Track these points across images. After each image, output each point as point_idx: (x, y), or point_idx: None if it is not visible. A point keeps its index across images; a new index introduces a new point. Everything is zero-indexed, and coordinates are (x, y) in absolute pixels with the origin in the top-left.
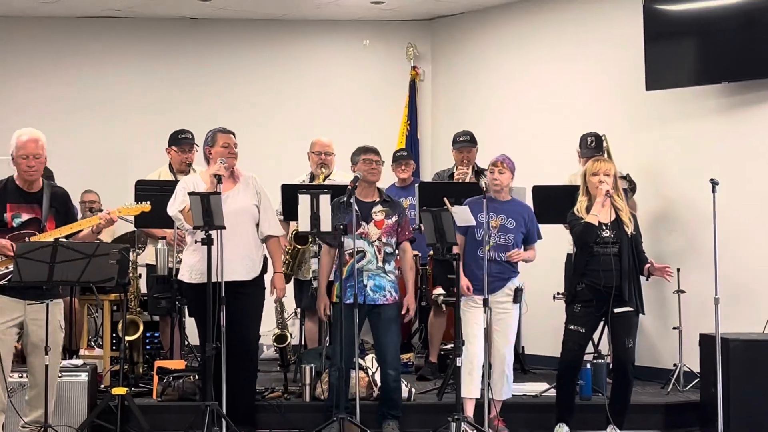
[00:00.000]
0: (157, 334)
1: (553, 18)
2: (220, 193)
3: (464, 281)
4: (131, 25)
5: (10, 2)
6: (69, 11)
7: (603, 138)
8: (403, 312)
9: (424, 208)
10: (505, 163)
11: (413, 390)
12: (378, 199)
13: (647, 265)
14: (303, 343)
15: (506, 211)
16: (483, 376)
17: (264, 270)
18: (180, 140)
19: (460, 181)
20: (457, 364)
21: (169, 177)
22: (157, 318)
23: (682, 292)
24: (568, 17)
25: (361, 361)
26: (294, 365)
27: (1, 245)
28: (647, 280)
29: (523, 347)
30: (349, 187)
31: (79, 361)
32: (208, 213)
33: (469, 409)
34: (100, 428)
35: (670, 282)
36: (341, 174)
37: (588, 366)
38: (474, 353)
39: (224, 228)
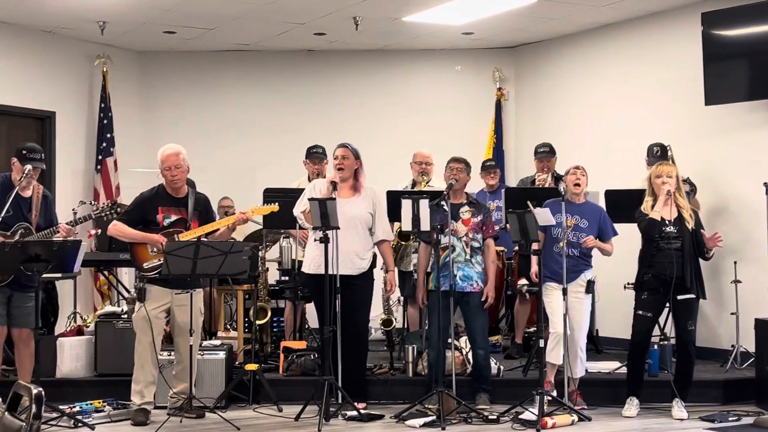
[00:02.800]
0: (282, 319)
1: (622, 43)
2: (335, 199)
3: (534, 269)
4: (258, 57)
5: (158, 39)
6: (207, 46)
7: (668, 147)
8: (482, 299)
9: (510, 210)
10: (583, 168)
11: (501, 367)
12: (465, 201)
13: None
14: (406, 326)
15: (580, 212)
16: (565, 354)
17: (373, 265)
18: (311, 154)
19: (541, 186)
20: (540, 345)
21: (307, 185)
22: (282, 304)
23: (739, 282)
24: (635, 42)
25: (456, 341)
26: (398, 345)
27: (156, 239)
28: (707, 259)
29: (597, 330)
30: (445, 192)
31: (218, 342)
32: (324, 215)
33: (551, 373)
34: (236, 398)
35: (722, 248)
36: (439, 181)
37: (655, 347)
38: (559, 327)
39: (338, 228)
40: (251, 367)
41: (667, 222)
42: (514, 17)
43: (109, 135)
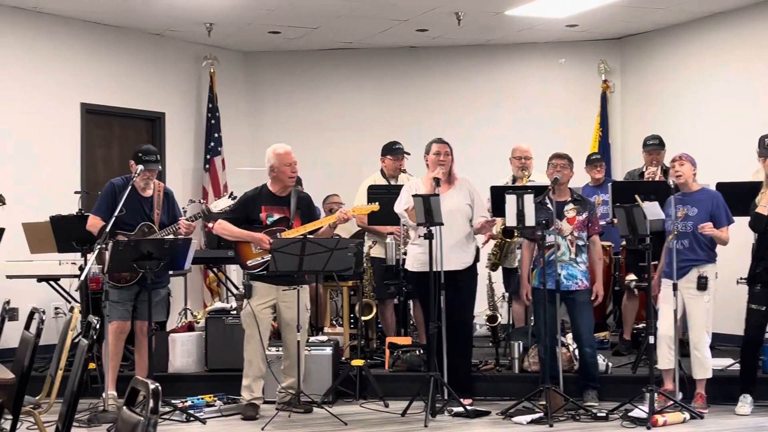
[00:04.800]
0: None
1: (734, 32)
2: (438, 195)
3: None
4: (361, 55)
5: (263, 40)
6: (311, 45)
7: None
8: (592, 298)
9: (618, 204)
10: (683, 157)
11: (610, 364)
12: (569, 199)
13: None
14: (511, 322)
15: (691, 201)
16: (675, 352)
17: (477, 259)
18: (394, 150)
19: (650, 179)
20: (650, 342)
21: (382, 182)
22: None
23: None
24: (748, 31)
25: (562, 338)
26: (504, 342)
27: (260, 238)
28: None
29: None
30: (549, 188)
31: (324, 338)
32: (428, 212)
33: (668, 382)
34: (342, 394)
35: None
36: (540, 176)
37: None
38: (664, 329)
39: (442, 224)
40: (357, 362)
41: None
42: (621, 8)
43: (216, 134)
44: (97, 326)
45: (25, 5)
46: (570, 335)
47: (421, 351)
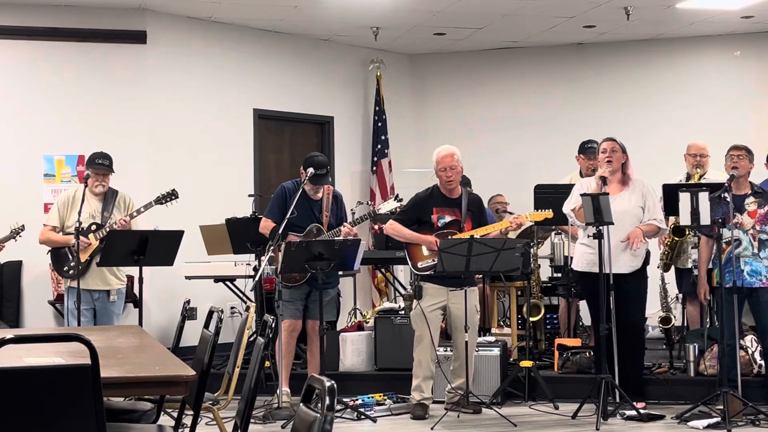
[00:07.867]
0: (555, 316)
1: None
2: (607, 194)
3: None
4: (526, 53)
5: (428, 42)
6: (476, 46)
7: None
8: None
9: None
10: None
11: None
12: (750, 192)
13: None
14: (685, 324)
15: None
16: None
17: (646, 262)
18: (587, 149)
19: None
20: None
21: (578, 180)
22: (555, 301)
23: None
24: None
25: (741, 340)
26: (678, 344)
27: (429, 240)
28: None
29: None
30: (726, 184)
31: (492, 338)
32: (597, 211)
33: None
34: (511, 395)
35: None
36: (715, 173)
37: None
38: None
39: (612, 224)
40: (526, 363)
41: None
42: None
43: (383, 137)
44: (273, 325)
45: (200, 15)
46: (748, 337)
47: (591, 353)
